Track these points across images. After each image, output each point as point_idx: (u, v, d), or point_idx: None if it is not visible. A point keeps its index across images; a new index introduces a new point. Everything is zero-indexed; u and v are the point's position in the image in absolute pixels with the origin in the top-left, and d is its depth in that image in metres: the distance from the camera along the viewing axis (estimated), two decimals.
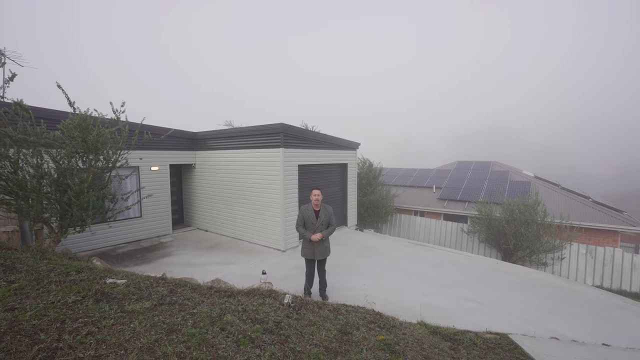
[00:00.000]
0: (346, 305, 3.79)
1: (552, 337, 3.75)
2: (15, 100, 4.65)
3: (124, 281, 3.23)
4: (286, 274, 6.34)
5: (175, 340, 2.29)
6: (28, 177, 4.43)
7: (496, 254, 11.06)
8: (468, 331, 3.65)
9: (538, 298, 5.44)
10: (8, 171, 4.36)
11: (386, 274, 6.37)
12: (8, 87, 4.69)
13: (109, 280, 3.19)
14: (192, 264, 6.97)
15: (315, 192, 4.90)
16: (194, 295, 3.21)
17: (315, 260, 5.01)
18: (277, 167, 7.94)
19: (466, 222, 12.71)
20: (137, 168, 8.71)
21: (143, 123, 5.81)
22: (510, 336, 3.51)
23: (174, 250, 8.00)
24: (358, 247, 8.61)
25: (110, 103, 4.85)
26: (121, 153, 4.96)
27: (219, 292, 3.50)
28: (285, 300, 3.34)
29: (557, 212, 10.84)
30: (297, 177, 8.40)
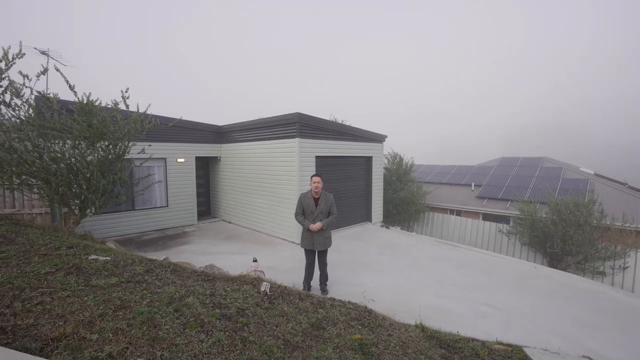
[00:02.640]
0: (334, 299, 3.47)
1: (584, 356, 3.06)
2: (42, 93, 5.02)
3: (106, 258, 3.26)
4: (293, 266, 6.14)
5: (121, 317, 2.19)
6: (50, 162, 4.75)
7: (542, 259, 9.79)
8: (474, 339, 3.12)
9: (579, 309, 4.58)
10: (33, 155, 4.71)
11: (401, 272, 5.88)
12: (38, 80, 5.06)
13: (92, 257, 3.23)
14: (206, 253, 7.08)
15: (315, 179, 4.63)
16: (169, 277, 3.12)
17: (316, 251, 4.73)
18: (293, 157, 7.78)
19: (508, 223, 11.46)
20: (164, 160, 9.12)
21: (158, 114, 5.95)
22: (525, 349, 2.92)
23: (193, 239, 8.23)
24: (379, 244, 8.13)
25: (121, 91, 5.02)
26: (130, 140, 5.10)
27: (200, 275, 3.39)
28: (262, 288, 3.12)
29: (619, 213, 9.26)
30: (314, 168, 8.17)
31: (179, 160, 9.43)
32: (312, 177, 4.67)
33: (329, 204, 4.66)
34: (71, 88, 4.38)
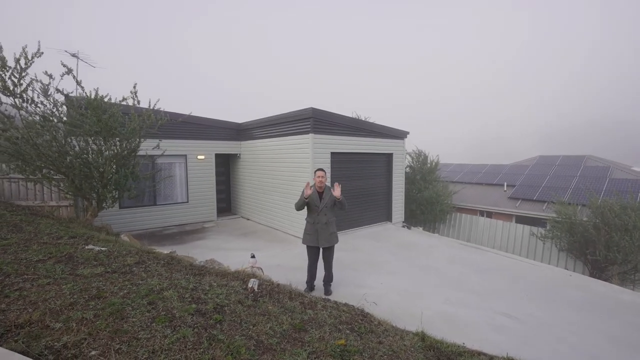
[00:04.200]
0: (328, 300, 3.26)
1: None
2: (62, 91, 5.27)
3: (101, 249, 3.30)
4: (302, 265, 5.94)
5: (91, 307, 2.16)
6: (68, 156, 4.98)
7: (582, 268, 8.83)
8: (481, 353, 2.77)
9: (619, 326, 3.98)
10: (55, 150, 4.96)
11: (414, 275, 5.52)
12: (62, 79, 5.32)
13: (88, 247, 3.29)
14: (219, 248, 7.14)
15: (319, 173, 4.45)
16: (159, 269, 3.09)
17: (320, 248, 4.54)
18: (307, 154, 7.64)
19: (545, 227, 10.49)
20: (184, 156, 9.37)
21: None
22: None
23: (210, 235, 8.36)
24: (395, 244, 7.77)
25: (133, 86, 5.14)
26: (141, 136, 5.20)
27: (192, 269, 3.34)
28: (250, 285, 2.99)
29: None
30: (329, 165, 7.97)
31: (199, 157, 9.65)
32: (316, 171, 4.50)
33: (333, 197, 4.46)
34: (78, 83, 4.56)
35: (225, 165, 11.42)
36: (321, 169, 4.49)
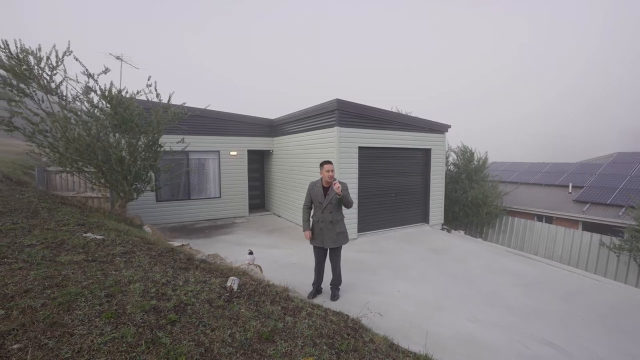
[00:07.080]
0: (317, 307, 2.88)
1: None
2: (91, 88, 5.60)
3: (96, 237, 3.32)
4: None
5: (45, 295, 2.07)
6: (99, 151, 5.26)
7: None
8: None
9: None
10: (87, 143, 5.28)
11: (440, 283, 4.84)
12: (98, 78, 5.67)
13: (85, 234, 3.33)
14: (240, 243, 7.12)
15: (328, 167, 4.03)
16: (143, 261, 2.99)
17: (326, 249, 4.16)
18: (332, 148, 7.27)
19: (621, 236, 8.73)
20: (217, 152, 9.62)
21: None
22: None
23: (237, 230, 8.43)
24: (428, 248, 7.04)
25: (153, 80, 5.26)
26: (160, 130, 5.30)
27: (180, 263, 3.21)
28: (228, 284, 2.74)
29: None
30: (356, 160, 7.51)
31: (231, 153, 9.82)
32: (324, 164, 4.08)
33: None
34: (91, 76, 4.75)
35: (260, 161, 11.52)
36: (329, 162, 4.08)
